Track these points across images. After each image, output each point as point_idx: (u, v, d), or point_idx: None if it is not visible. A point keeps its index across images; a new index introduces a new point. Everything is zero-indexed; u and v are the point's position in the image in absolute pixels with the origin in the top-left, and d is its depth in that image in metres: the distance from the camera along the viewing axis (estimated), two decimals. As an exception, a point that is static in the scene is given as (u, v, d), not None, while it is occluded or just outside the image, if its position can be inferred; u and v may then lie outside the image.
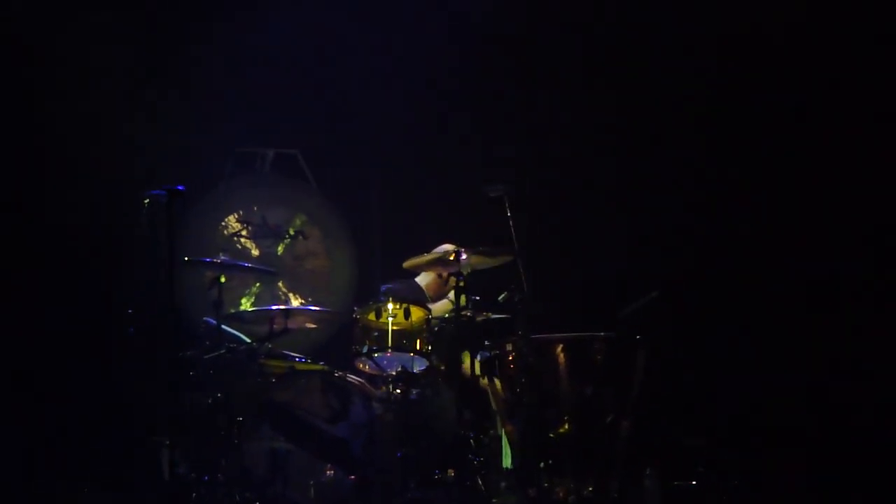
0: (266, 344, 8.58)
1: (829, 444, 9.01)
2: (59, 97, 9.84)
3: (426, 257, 8.77)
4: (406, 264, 9.12)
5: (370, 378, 8.68)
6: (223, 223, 10.46)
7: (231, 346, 8.47)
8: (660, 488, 8.09)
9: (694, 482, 8.45)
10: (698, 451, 8.74)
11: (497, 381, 8.62)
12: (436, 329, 8.72)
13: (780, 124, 9.70)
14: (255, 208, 10.58)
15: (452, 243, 9.23)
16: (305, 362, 8.67)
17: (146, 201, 7.81)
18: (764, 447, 9.12)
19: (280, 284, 10.39)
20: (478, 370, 8.54)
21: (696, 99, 9.96)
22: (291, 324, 8.62)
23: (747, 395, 9.49)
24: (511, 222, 8.53)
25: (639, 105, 10.12)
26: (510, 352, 8.53)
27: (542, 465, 8.31)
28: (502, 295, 8.53)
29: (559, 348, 8.50)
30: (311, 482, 8.23)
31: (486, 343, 8.71)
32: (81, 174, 9.72)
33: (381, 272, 9.45)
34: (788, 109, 9.66)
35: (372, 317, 8.62)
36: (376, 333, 8.60)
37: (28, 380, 9.37)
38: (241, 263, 9.39)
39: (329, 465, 8.27)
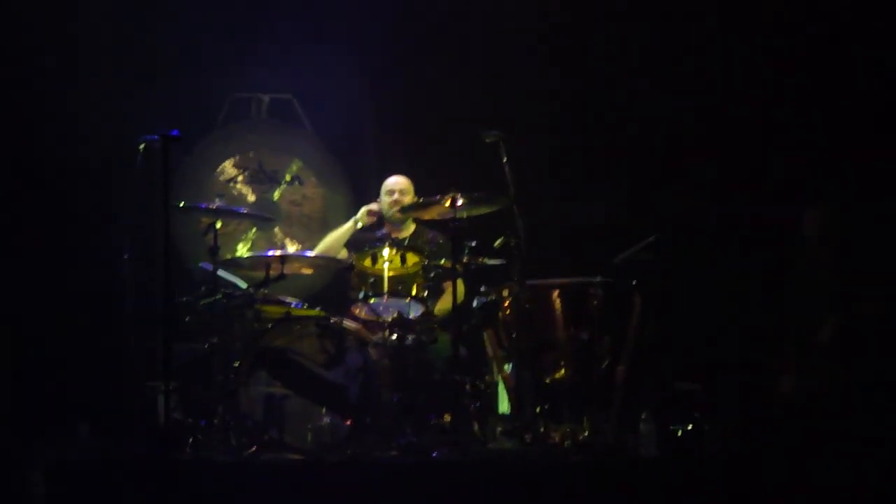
0: (262, 289, 8.58)
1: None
2: (55, 42, 9.81)
3: (425, 208, 8.74)
4: (402, 213, 9.16)
5: (366, 324, 8.66)
6: (219, 169, 10.41)
7: (227, 291, 8.48)
8: (656, 433, 8.10)
9: (690, 426, 8.46)
10: (694, 397, 8.75)
11: (493, 327, 8.64)
12: (432, 275, 8.73)
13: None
14: (252, 154, 10.53)
15: (401, 175, 9.30)
16: (301, 308, 8.66)
17: (141, 146, 7.79)
18: (761, 391, 9.12)
19: (276, 230, 10.37)
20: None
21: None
22: (287, 269, 8.60)
23: (744, 339, 9.50)
24: (506, 167, 8.50)
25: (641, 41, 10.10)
26: (506, 297, 8.54)
27: (538, 410, 8.33)
28: (498, 240, 8.51)
29: (555, 294, 8.51)
30: (308, 427, 8.23)
31: (483, 289, 8.72)
32: (76, 121, 9.68)
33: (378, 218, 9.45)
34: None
35: (368, 262, 8.62)
36: (372, 279, 8.61)
37: (21, 324, 9.39)
38: (237, 209, 9.37)
39: (325, 411, 8.28)
